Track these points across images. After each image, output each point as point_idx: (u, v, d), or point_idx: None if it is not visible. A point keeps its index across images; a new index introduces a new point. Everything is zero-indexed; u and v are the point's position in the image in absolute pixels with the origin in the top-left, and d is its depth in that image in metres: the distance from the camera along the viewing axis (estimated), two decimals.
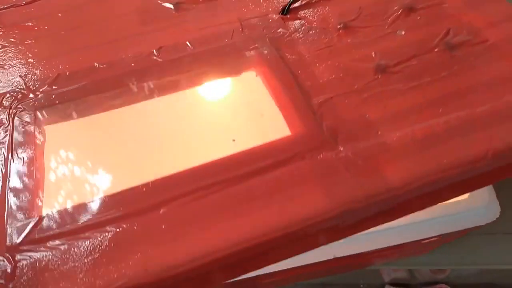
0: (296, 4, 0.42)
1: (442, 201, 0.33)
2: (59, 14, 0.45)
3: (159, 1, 0.45)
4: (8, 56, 0.42)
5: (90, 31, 0.43)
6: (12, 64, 0.41)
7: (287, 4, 0.42)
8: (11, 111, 0.36)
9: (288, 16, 0.41)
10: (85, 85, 0.38)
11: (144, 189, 0.31)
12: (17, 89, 0.38)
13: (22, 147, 0.34)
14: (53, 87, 0.38)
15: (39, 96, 0.37)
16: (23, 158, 0.34)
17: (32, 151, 0.35)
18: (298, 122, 0.33)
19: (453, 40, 0.37)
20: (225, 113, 0.36)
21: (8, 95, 0.38)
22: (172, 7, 0.44)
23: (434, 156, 0.30)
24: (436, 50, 0.36)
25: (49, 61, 0.40)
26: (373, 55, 0.37)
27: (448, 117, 0.32)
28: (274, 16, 0.42)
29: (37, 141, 0.36)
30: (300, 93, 0.35)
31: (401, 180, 0.29)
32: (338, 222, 0.29)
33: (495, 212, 0.48)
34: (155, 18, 0.43)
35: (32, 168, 0.33)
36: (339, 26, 0.39)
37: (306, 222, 0.28)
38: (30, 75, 0.40)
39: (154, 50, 0.40)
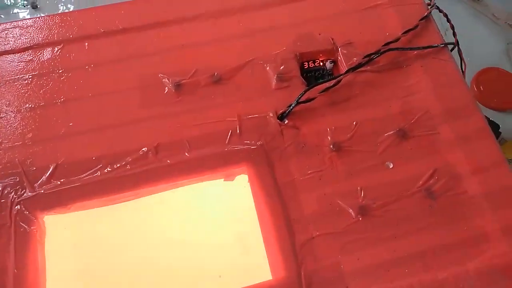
0: (295, 108, 0.42)
1: None
2: (62, 78, 0.44)
3: (160, 76, 0.44)
4: (3, 128, 0.42)
5: (88, 107, 0.43)
6: (10, 142, 0.41)
7: (286, 111, 0.42)
8: (12, 210, 0.38)
9: (286, 122, 0.42)
10: (82, 186, 0.39)
11: None
12: (16, 180, 0.40)
13: (24, 250, 0.37)
14: (52, 181, 0.40)
15: (39, 192, 0.39)
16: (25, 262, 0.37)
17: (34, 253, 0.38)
18: (280, 266, 0.36)
19: (434, 188, 0.39)
20: (213, 246, 0.39)
21: (9, 188, 0.39)
22: (173, 88, 0.44)
23: None
24: (417, 195, 0.39)
25: (46, 145, 0.41)
26: (358, 192, 0.39)
27: (411, 280, 0.36)
28: (272, 118, 0.42)
29: (38, 238, 0.39)
30: (286, 228, 0.38)
31: None
32: None
33: None
34: (155, 101, 0.43)
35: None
36: (331, 147, 0.41)
37: None
38: (28, 161, 0.41)
39: (152, 148, 0.41)
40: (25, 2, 0.87)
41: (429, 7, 0.48)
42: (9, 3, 0.89)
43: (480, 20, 0.88)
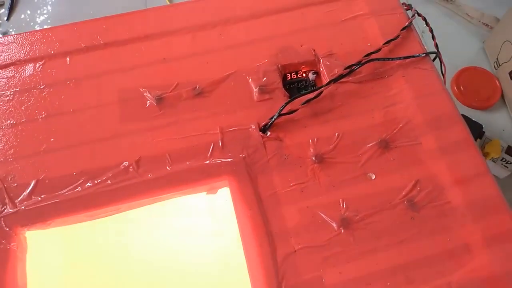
0: (278, 120, 0.42)
1: None
2: (43, 94, 0.44)
3: (141, 90, 0.44)
4: None
5: (69, 123, 0.43)
6: None
7: (268, 123, 0.42)
8: None
9: (268, 134, 0.42)
10: (63, 202, 0.39)
11: None
12: None
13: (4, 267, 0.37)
14: (33, 197, 0.39)
15: (19, 208, 0.39)
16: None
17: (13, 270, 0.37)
18: (261, 281, 0.36)
19: (416, 199, 0.39)
20: (195, 261, 0.39)
21: None
22: (155, 102, 0.43)
23: None
24: (399, 207, 0.39)
25: (27, 161, 0.41)
26: (341, 204, 0.39)
27: None
28: (254, 130, 0.42)
29: (18, 254, 0.38)
30: (268, 242, 0.37)
31: None
32: None
33: None
34: (136, 115, 0.43)
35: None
36: (314, 158, 0.41)
37: None
38: (9, 178, 0.40)
39: (133, 163, 0.41)
40: None
41: (410, 16, 0.48)
42: None
43: (453, 20, 0.89)
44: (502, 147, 0.71)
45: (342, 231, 0.38)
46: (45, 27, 0.88)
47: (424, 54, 0.45)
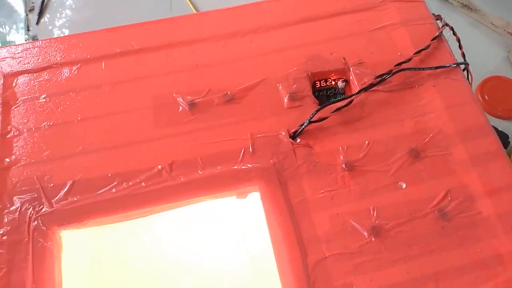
0: (308, 127, 0.43)
1: None
2: (79, 97, 0.45)
3: (174, 95, 0.45)
4: (22, 145, 0.43)
5: (104, 126, 0.44)
6: (27, 159, 0.42)
7: (298, 130, 0.42)
8: (30, 225, 0.39)
9: (298, 141, 0.43)
10: (98, 203, 0.40)
11: None
12: (34, 195, 0.41)
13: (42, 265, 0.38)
14: (69, 198, 0.41)
15: (56, 208, 0.40)
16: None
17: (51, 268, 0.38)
18: (292, 287, 0.36)
19: (447, 208, 0.39)
20: (225, 266, 0.39)
21: (27, 204, 0.40)
22: (187, 107, 0.44)
23: None
24: (429, 216, 0.39)
25: (63, 162, 0.42)
26: (371, 211, 0.39)
27: None
28: (284, 137, 0.43)
29: (54, 253, 0.39)
30: (299, 248, 0.38)
31: None
32: None
33: None
34: (169, 120, 0.44)
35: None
36: (344, 166, 0.41)
37: None
38: (46, 178, 0.41)
39: (166, 166, 0.42)
40: (26, 37, 0.88)
41: (440, 26, 0.48)
42: (9, 40, 0.90)
43: (478, 29, 0.88)
44: None
45: (373, 239, 0.38)
46: (66, 31, 0.90)
47: (455, 65, 0.45)
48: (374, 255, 0.37)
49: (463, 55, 0.48)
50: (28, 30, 0.88)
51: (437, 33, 0.47)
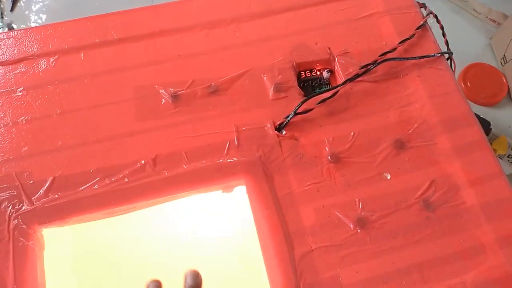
0: (293, 119, 0.42)
1: None
2: (57, 90, 0.44)
3: (156, 87, 0.44)
4: (1, 144, 0.42)
5: (85, 119, 0.43)
6: (5, 155, 0.41)
7: (283, 122, 0.42)
8: (10, 224, 0.38)
9: (283, 133, 0.42)
10: (80, 200, 0.39)
11: None
12: (13, 193, 0.39)
13: (24, 265, 0.37)
14: (49, 195, 0.40)
15: (36, 206, 0.39)
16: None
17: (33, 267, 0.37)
18: (279, 279, 0.36)
19: (431, 199, 0.39)
20: (211, 259, 0.39)
21: (6, 202, 0.39)
22: (170, 99, 0.43)
23: None
24: (414, 207, 0.39)
25: (43, 158, 0.41)
26: (357, 203, 0.39)
27: None
28: (270, 129, 0.42)
29: (36, 252, 0.38)
30: (285, 241, 0.38)
31: None
32: None
33: None
34: (152, 113, 0.43)
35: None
36: (329, 158, 0.41)
37: None
38: (25, 175, 0.40)
39: (150, 160, 0.41)
40: (1, 24, 0.85)
41: (424, 15, 0.48)
42: None
43: (460, 16, 0.89)
44: (508, 143, 0.72)
45: (359, 230, 0.38)
46: (43, 16, 0.86)
47: (439, 54, 0.45)
48: (359, 247, 0.38)
49: (447, 43, 0.48)
50: (2, 17, 0.85)
51: (422, 22, 0.46)
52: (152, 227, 0.43)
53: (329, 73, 0.46)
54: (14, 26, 0.85)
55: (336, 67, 0.46)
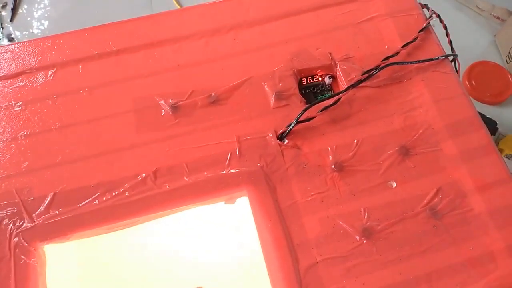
0: (295, 127, 0.41)
1: None
2: (56, 104, 0.43)
3: (156, 98, 0.43)
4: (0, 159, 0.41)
5: (84, 133, 0.42)
6: (5, 171, 0.41)
7: (285, 131, 0.41)
8: (11, 242, 0.38)
9: (286, 142, 0.41)
10: (81, 215, 0.39)
11: None
12: (14, 210, 0.39)
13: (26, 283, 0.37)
14: (50, 211, 0.39)
15: (37, 223, 0.38)
16: None
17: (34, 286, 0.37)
18: None
19: (438, 207, 0.38)
20: (216, 273, 0.38)
21: (7, 219, 0.39)
22: (170, 110, 0.43)
23: None
24: (421, 215, 0.38)
25: (43, 173, 0.41)
26: (362, 212, 0.38)
27: None
28: (272, 139, 0.41)
29: (38, 269, 0.38)
30: (289, 253, 0.37)
31: None
32: None
33: None
34: (152, 124, 0.42)
35: None
36: (333, 167, 0.40)
37: None
38: (25, 191, 0.40)
39: (151, 174, 0.40)
40: (0, 35, 0.84)
41: (427, 16, 0.47)
42: None
43: (463, 13, 0.87)
44: None
45: (364, 241, 0.37)
46: (45, 23, 0.86)
47: (444, 57, 0.44)
48: (366, 258, 0.37)
49: (450, 43, 0.47)
50: (2, 28, 0.85)
51: (425, 25, 0.45)
52: (155, 240, 0.43)
53: (331, 79, 0.45)
54: (16, 33, 0.85)
55: (338, 73, 0.45)
